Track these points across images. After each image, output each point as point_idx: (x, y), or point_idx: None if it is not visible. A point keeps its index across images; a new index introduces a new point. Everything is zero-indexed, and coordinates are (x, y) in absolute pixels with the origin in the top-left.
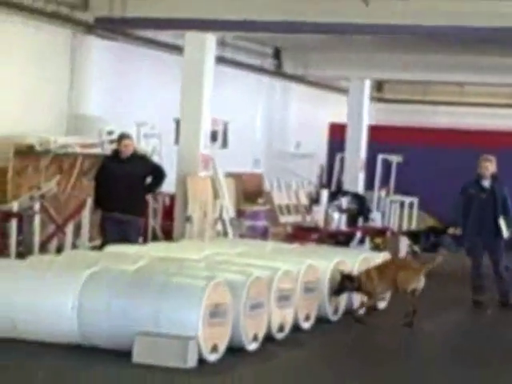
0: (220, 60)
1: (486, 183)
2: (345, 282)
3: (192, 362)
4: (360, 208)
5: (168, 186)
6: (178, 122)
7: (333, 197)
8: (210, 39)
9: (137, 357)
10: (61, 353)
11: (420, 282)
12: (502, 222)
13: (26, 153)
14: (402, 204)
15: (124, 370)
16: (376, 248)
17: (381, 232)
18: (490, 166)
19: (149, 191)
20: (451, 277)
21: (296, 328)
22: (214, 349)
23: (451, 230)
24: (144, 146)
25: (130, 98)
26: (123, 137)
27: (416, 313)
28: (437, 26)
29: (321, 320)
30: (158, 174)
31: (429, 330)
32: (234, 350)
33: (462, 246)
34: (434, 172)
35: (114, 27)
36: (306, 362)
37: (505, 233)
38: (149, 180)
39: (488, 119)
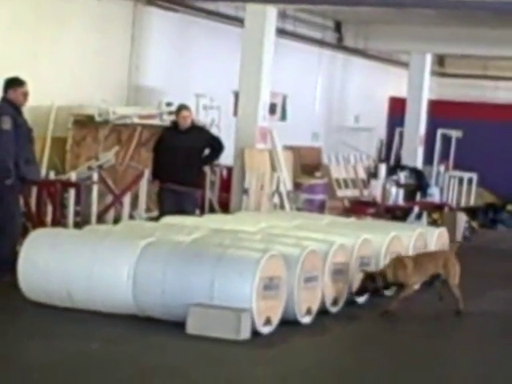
0: (280, 32)
1: None
2: (366, 282)
3: (245, 334)
4: (418, 183)
5: (226, 158)
6: (236, 94)
7: (391, 171)
8: (271, 11)
9: (190, 328)
10: (115, 323)
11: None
12: None
13: (85, 123)
14: (460, 180)
15: (177, 341)
16: (433, 223)
17: (439, 207)
18: None
19: (206, 163)
20: (508, 253)
21: (350, 302)
22: (268, 321)
23: (510, 207)
24: (203, 118)
25: (190, 69)
26: (182, 108)
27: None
28: (500, 1)
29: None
30: (216, 145)
31: (481, 308)
32: (288, 323)
33: None
34: (493, 148)
35: None
36: (360, 336)
37: None
38: (207, 152)
39: None
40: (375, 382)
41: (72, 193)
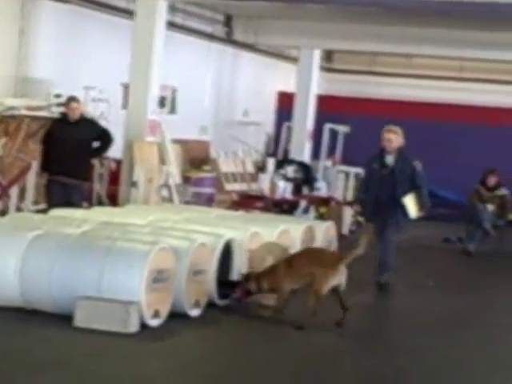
0: (170, 25)
1: (389, 158)
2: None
3: (133, 326)
4: (305, 177)
5: (114, 151)
6: (126, 87)
7: (279, 165)
8: (161, 4)
9: (78, 321)
10: (2, 316)
11: (340, 277)
12: (407, 202)
13: None
14: (347, 174)
15: (65, 334)
16: (320, 217)
17: (325, 201)
18: (394, 139)
19: (95, 155)
20: None
21: None
22: (156, 314)
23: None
24: (92, 110)
25: (79, 61)
26: (71, 100)
27: (347, 310)
28: None
29: None
30: (106, 138)
31: (368, 299)
32: (176, 316)
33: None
34: (379, 143)
35: None
36: (247, 328)
37: (412, 213)
38: (96, 144)
39: (435, 92)
40: (265, 372)
41: None
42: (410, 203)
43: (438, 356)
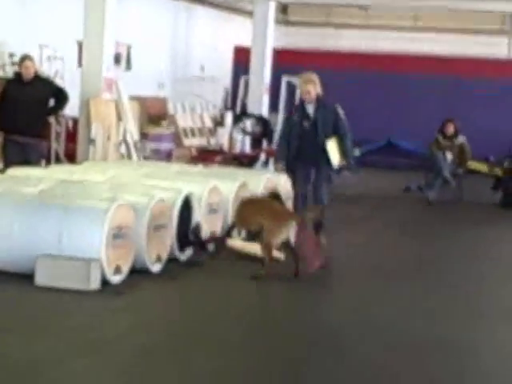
0: None
1: (310, 108)
2: None
3: (95, 283)
4: (264, 130)
5: (71, 109)
6: (80, 45)
7: (237, 119)
8: None
9: (39, 279)
10: None
11: (288, 232)
12: (329, 148)
13: None
14: None
15: (26, 293)
16: None
17: None
18: (312, 89)
19: (51, 114)
20: (351, 199)
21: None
22: (118, 270)
23: (356, 152)
24: (47, 69)
25: (33, 19)
26: (24, 59)
27: (299, 260)
28: None
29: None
30: (61, 96)
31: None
32: (138, 272)
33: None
34: (337, 95)
35: None
36: (209, 282)
37: (334, 161)
38: (51, 103)
39: (392, 42)
40: (225, 326)
41: None
42: (333, 150)
43: (395, 306)
